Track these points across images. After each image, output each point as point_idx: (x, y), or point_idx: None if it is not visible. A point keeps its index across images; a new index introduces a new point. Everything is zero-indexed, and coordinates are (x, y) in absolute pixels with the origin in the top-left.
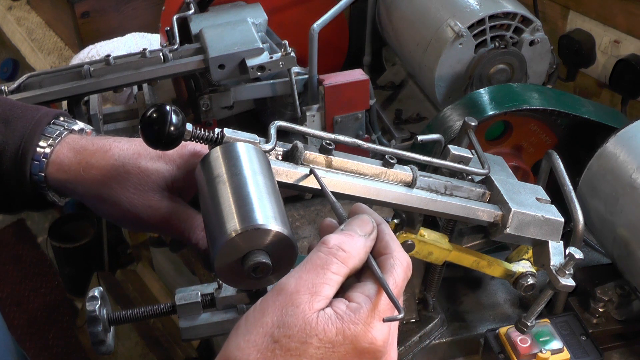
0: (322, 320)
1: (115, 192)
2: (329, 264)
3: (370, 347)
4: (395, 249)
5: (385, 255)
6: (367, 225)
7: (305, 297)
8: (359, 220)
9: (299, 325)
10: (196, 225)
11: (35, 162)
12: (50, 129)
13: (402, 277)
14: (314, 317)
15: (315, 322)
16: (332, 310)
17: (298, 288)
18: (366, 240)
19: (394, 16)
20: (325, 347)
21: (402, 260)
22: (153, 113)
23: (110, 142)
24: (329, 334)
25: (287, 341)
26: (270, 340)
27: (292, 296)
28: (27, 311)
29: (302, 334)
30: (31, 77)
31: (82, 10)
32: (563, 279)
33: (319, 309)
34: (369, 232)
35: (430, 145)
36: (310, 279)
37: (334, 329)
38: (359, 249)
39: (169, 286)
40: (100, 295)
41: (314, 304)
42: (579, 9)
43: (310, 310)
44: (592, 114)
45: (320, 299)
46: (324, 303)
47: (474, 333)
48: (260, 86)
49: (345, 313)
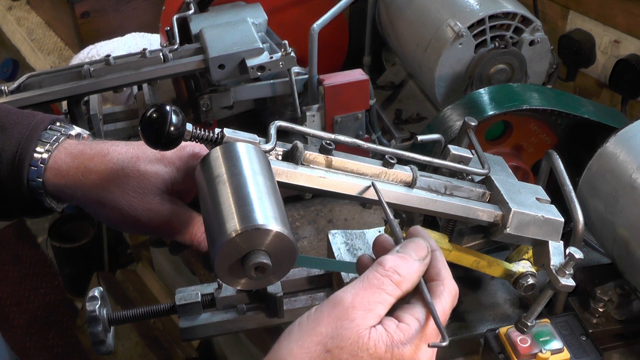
0: (373, 336)
1: (114, 196)
2: (385, 285)
3: None
4: (447, 277)
5: (436, 282)
6: (423, 250)
7: (360, 312)
8: (415, 244)
9: (352, 339)
10: (197, 228)
11: (33, 167)
12: (47, 135)
13: (449, 305)
14: (367, 332)
15: (368, 337)
16: (384, 328)
17: (354, 304)
18: (420, 265)
19: (394, 16)
20: None
21: (451, 289)
22: (153, 113)
23: (109, 146)
24: (379, 350)
25: (339, 352)
26: (323, 349)
27: (347, 310)
28: (27, 311)
29: (354, 347)
30: (31, 77)
31: (82, 10)
32: (563, 279)
33: (372, 325)
34: (423, 257)
35: (430, 145)
36: (366, 297)
37: (384, 346)
38: (413, 273)
39: (169, 286)
40: (100, 295)
41: (368, 321)
42: (579, 9)
43: (363, 326)
44: (592, 114)
45: (373, 316)
46: (376, 321)
47: (474, 333)
48: (260, 86)
49: (395, 332)
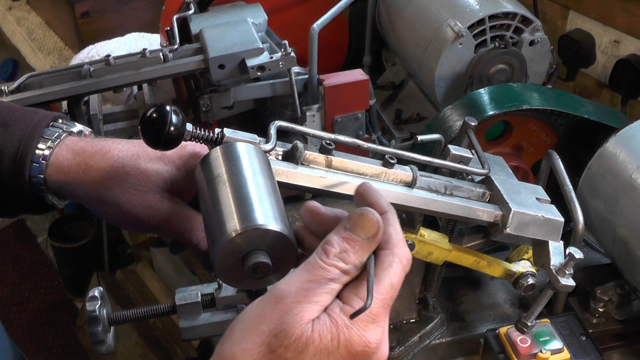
0: (317, 327)
1: (114, 193)
2: (329, 274)
3: (363, 350)
4: (397, 244)
5: (385, 250)
6: (373, 227)
7: (304, 306)
8: (364, 219)
9: (295, 335)
10: (196, 226)
11: (35, 164)
12: (49, 132)
13: (399, 277)
14: (310, 325)
15: (311, 330)
16: (327, 315)
17: (298, 298)
18: (369, 244)
19: (394, 16)
20: (321, 353)
21: (401, 257)
22: (153, 113)
23: (110, 144)
24: (324, 340)
25: (284, 351)
26: (267, 350)
27: (290, 305)
28: (27, 311)
29: (299, 343)
30: (31, 77)
31: (82, 10)
32: (563, 279)
33: (316, 316)
34: (373, 235)
35: (430, 145)
36: (311, 289)
37: (329, 335)
38: (360, 255)
39: (169, 286)
40: (100, 295)
41: (312, 313)
42: (579, 9)
43: (307, 319)
44: (592, 114)
45: (317, 307)
46: (320, 311)
47: (474, 333)
48: (260, 86)
49: (339, 317)
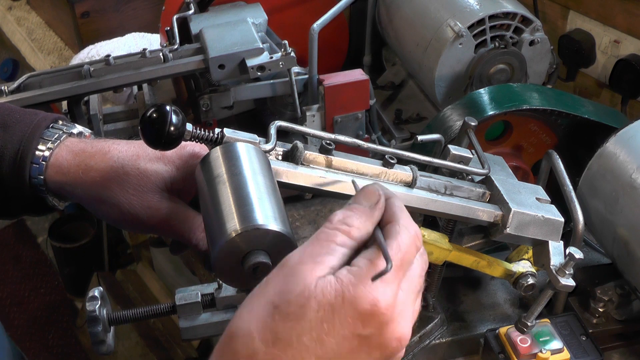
0: (321, 283)
1: (114, 193)
2: (333, 237)
3: (372, 310)
4: (402, 217)
5: (391, 223)
6: (373, 195)
7: (308, 266)
8: (364, 192)
9: (298, 290)
10: (196, 226)
11: (35, 165)
12: (49, 133)
13: (408, 242)
14: (314, 281)
15: (314, 285)
16: (334, 276)
17: (302, 259)
18: (372, 211)
19: (394, 16)
20: (325, 309)
21: (408, 228)
22: (153, 113)
23: (109, 144)
24: (328, 296)
25: (286, 306)
26: (271, 307)
27: (294, 267)
28: (27, 311)
29: (301, 298)
30: (31, 77)
31: (82, 10)
32: (563, 279)
33: (321, 275)
34: (374, 202)
35: (430, 145)
36: (314, 251)
37: (333, 291)
38: (364, 220)
39: (169, 286)
40: (100, 295)
41: (316, 272)
42: (579, 9)
43: (311, 277)
44: (592, 114)
45: (323, 268)
46: (326, 272)
47: (474, 333)
48: (260, 86)
49: (345, 276)
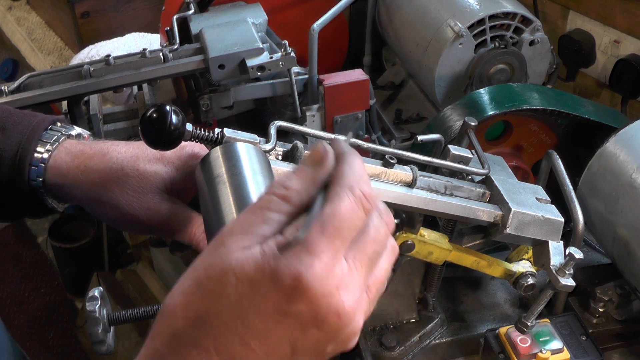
0: (242, 256)
1: (114, 194)
2: (268, 202)
3: (294, 284)
4: (348, 176)
5: (333, 184)
6: (318, 155)
7: (236, 237)
8: (311, 152)
9: (219, 265)
10: (196, 227)
11: (34, 167)
12: (48, 135)
13: (348, 205)
14: (236, 255)
15: (235, 259)
16: (260, 247)
17: (233, 229)
18: (316, 171)
19: (394, 16)
20: (244, 284)
21: (352, 187)
22: (153, 113)
23: (108, 146)
24: (247, 269)
25: (207, 282)
26: (195, 282)
27: (223, 237)
28: (27, 311)
29: (221, 273)
30: (31, 77)
31: (82, 10)
32: (563, 279)
33: (245, 246)
34: (318, 161)
35: (430, 145)
36: (247, 219)
37: (253, 264)
38: (304, 182)
39: (169, 286)
40: (100, 295)
41: (243, 243)
42: (579, 9)
43: (235, 249)
44: (592, 114)
45: (251, 237)
46: (254, 242)
47: (474, 333)
48: (260, 86)
49: (269, 248)
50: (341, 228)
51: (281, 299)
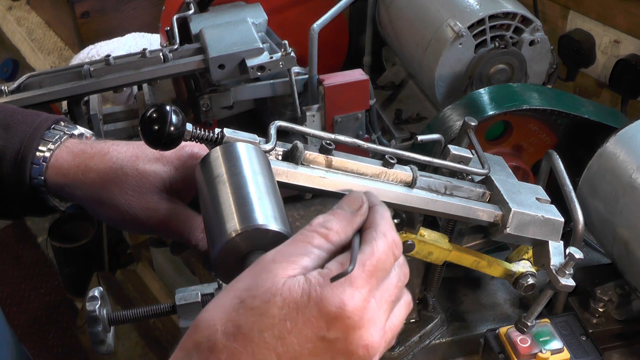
0: (289, 282)
1: (113, 194)
2: (310, 239)
3: (337, 312)
4: (382, 224)
5: (369, 229)
6: (356, 201)
7: (280, 264)
8: (348, 197)
9: (266, 287)
10: (195, 226)
11: (35, 165)
12: (50, 134)
13: (383, 249)
14: (283, 279)
15: (282, 283)
16: (304, 277)
17: (275, 258)
18: (353, 216)
19: (394, 16)
20: (289, 307)
21: (386, 234)
22: (153, 113)
23: (109, 146)
24: (294, 294)
25: (252, 301)
26: (237, 301)
27: (267, 264)
28: (27, 311)
29: (267, 293)
30: (31, 77)
31: (82, 10)
32: (563, 279)
33: (291, 275)
34: (356, 208)
35: (430, 145)
36: (289, 251)
37: (300, 290)
38: (343, 225)
39: (169, 286)
40: (100, 295)
41: (288, 271)
42: (579, 9)
43: (281, 275)
44: (592, 114)
45: (295, 267)
46: (298, 272)
47: (474, 333)
48: (260, 86)
49: (314, 277)
50: (377, 268)
51: (322, 325)
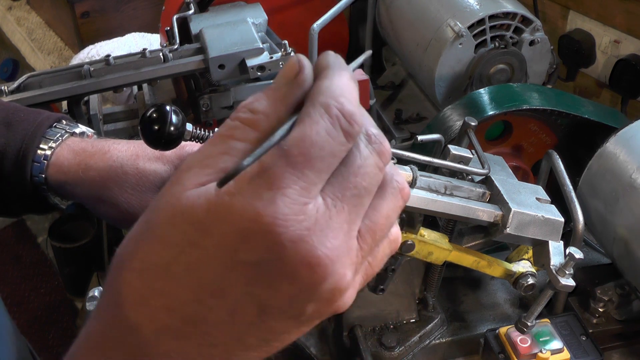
0: (193, 194)
1: (113, 193)
2: (232, 130)
3: (254, 227)
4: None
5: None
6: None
7: (191, 172)
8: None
9: (170, 206)
10: None
11: (36, 163)
12: (52, 132)
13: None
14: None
15: (185, 197)
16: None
17: (190, 163)
18: (288, 89)
19: (394, 16)
20: (194, 229)
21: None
22: (153, 113)
23: (109, 144)
24: (198, 210)
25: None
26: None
27: (180, 175)
28: (27, 311)
29: (168, 215)
30: (31, 77)
31: (82, 10)
32: (563, 279)
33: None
34: (290, 77)
35: (430, 145)
36: (206, 151)
37: (205, 204)
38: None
39: None
40: (100, 295)
41: (199, 178)
42: (579, 9)
43: (189, 186)
44: (592, 114)
45: (209, 171)
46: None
47: (474, 333)
48: (260, 86)
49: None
50: (312, 156)
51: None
